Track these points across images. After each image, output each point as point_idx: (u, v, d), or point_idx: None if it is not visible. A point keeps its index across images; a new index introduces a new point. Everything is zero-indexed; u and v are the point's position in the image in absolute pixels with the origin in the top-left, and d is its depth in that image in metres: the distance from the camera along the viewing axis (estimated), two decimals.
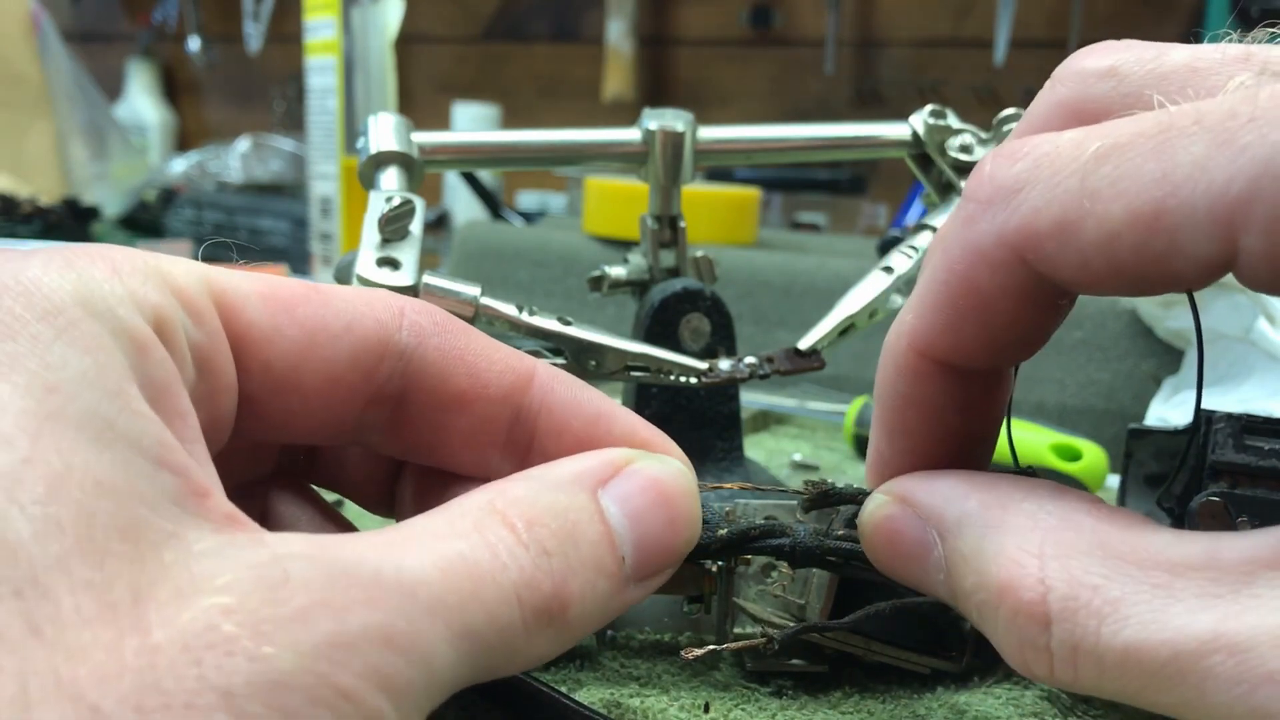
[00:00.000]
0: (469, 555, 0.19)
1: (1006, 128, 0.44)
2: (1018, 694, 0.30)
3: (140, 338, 0.19)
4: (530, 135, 0.43)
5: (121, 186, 1.52)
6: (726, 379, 0.39)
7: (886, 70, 1.45)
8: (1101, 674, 0.19)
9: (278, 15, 1.76)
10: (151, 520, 0.17)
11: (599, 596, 0.21)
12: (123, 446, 0.17)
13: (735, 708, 0.29)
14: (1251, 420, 0.26)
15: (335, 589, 0.17)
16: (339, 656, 0.16)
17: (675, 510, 0.23)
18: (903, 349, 0.24)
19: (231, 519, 0.18)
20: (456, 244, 0.92)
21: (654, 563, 0.23)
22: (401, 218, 0.36)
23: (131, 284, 0.19)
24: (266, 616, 0.16)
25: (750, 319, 0.75)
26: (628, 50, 1.54)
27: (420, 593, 0.18)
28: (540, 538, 0.20)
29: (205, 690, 0.15)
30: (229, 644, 0.16)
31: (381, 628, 0.17)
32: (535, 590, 0.20)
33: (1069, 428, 0.57)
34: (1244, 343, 0.55)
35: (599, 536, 0.21)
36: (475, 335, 0.25)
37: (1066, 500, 0.21)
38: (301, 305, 0.23)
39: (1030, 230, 0.20)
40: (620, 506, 0.22)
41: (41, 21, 1.50)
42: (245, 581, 0.17)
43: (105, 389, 0.17)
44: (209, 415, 0.21)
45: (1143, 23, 1.28)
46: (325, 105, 1.09)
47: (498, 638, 0.19)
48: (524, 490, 0.21)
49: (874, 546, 0.25)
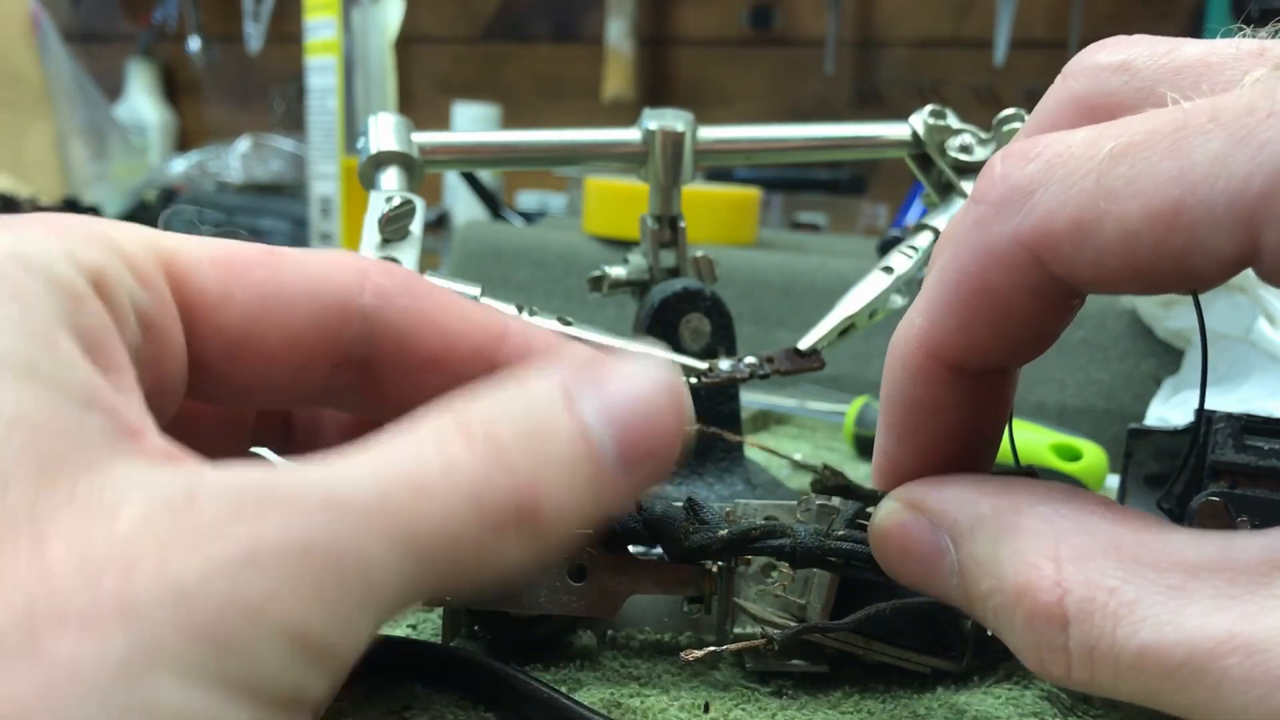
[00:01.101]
0: (412, 460, 0.18)
1: (1006, 128, 0.44)
2: (1018, 694, 0.30)
3: (75, 289, 0.19)
4: (530, 135, 0.43)
5: (121, 186, 1.52)
6: (726, 379, 0.39)
7: (886, 70, 1.45)
8: (1118, 675, 0.19)
9: (278, 15, 1.75)
10: (72, 453, 0.16)
11: (577, 491, 0.20)
12: (46, 386, 0.17)
13: (735, 708, 0.29)
14: (1251, 420, 0.26)
15: (248, 505, 0.16)
16: (252, 568, 0.16)
17: (657, 394, 0.21)
18: (913, 352, 0.24)
19: (168, 455, 0.18)
20: (456, 244, 0.92)
21: (641, 445, 0.21)
22: (401, 218, 0.36)
23: (69, 244, 0.19)
24: (173, 534, 0.16)
25: (750, 319, 0.75)
26: (628, 50, 1.54)
27: (353, 505, 0.17)
28: (496, 433, 0.19)
29: (103, 603, 0.15)
30: (130, 559, 0.15)
31: (300, 540, 0.16)
32: (494, 489, 0.18)
33: (1069, 428, 0.57)
34: (1244, 343, 0.55)
35: (567, 429, 0.20)
36: (442, 294, 0.24)
37: (1079, 502, 0.21)
38: (255, 270, 0.22)
39: (1046, 232, 0.20)
40: (594, 397, 0.20)
41: (41, 21, 1.50)
42: (154, 501, 0.16)
43: (29, 334, 0.17)
44: (156, 377, 0.21)
45: (1143, 23, 1.28)
46: (325, 105, 1.09)
47: (454, 544, 0.18)
48: (488, 398, 0.20)
49: (886, 553, 0.24)
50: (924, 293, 0.23)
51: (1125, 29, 0.24)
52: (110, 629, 0.14)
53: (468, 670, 0.28)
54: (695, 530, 0.29)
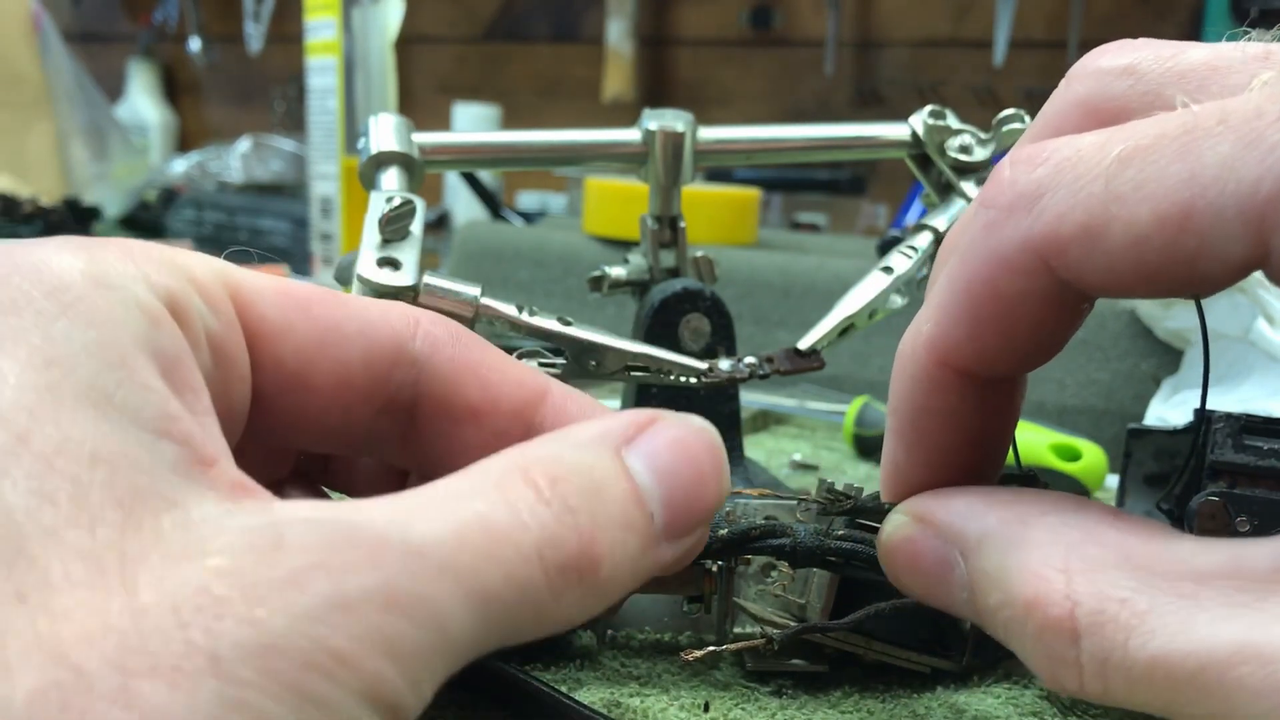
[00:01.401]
0: (485, 514, 0.18)
1: (1006, 128, 0.44)
2: (1017, 694, 0.30)
3: (152, 311, 0.19)
4: (530, 135, 0.43)
5: (122, 187, 1.52)
6: (726, 379, 0.39)
7: (886, 70, 1.45)
8: (1131, 686, 0.19)
9: (278, 15, 1.76)
10: (151, 489, 0.17)
11: (630, 554, 0.20)
12: (120, 418, 0.17)
13: (735, 707, 0.29)
14: (1251, 420, 0.26)
15: (334, 551, 0.16)
16: (335, 619, 0.16)
17: (703, 466, 0.22)
18: (921, 359, 0.24)
19: (239, 487, 0.18)
20: (456, 244, 0.92)
21: (685, 519, 0.22)
22: (402, 218, 0.36)
23: (145, 267, 0.20)
24: (260, 579, 0.16)
25: (750, 319, 0.75)
26: (628, 50, 1.54)
27: (430, 553, 0.17)
28: (564, 494, 0.19)
29: (193, 653, 0.15)
30: (219, 606, 0.15)
31: (383, 589, 0.16)
32: (559, 548, 0.19)
33: (1069, 428, 0.57)
34: (1244, 343, 0.55)
35: (625, 493, 0.20)
36: (489, 350, 0.25)
37: (1087, 513, 0.21)
38: (316, 305, 0.23)
39: (1054, 236, 0.20)
40: (646, 463, 0.21)
41: (42, 21, 1.50)
42: (239, 545, 0.16)
43: (107, 361, 0.17)
44: (224, 405, 0.21)
45: (1142, 23, 1.28)
46: (325, 105, 1.09)
47: (519, 598, 0.18)
48: (547, 450, 0.20)
49: (894, 567, 0.24)
50: (932, 298, 0.23)
51: (1125, 30, 0.24)
52: (199, 680, 0.15)
53: (468, 670, 0.28)
54: None
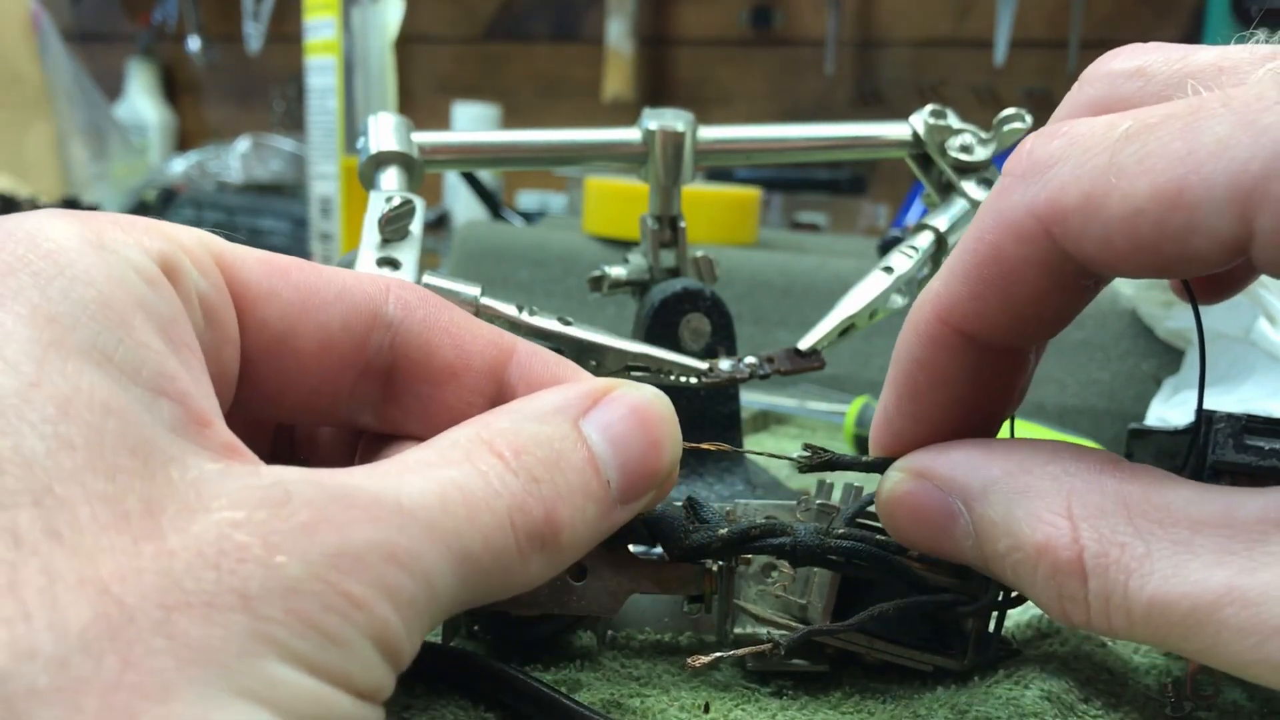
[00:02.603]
0: (463, 481, 0.20)
1: (1007, 128, 0.44)
2: (1018, 694, 0.30)
3: (148, 273, 0.20)
4: (530, 135, 0.43)
5: (121, 186, 1.52)
6: (726, 379, 0.39)
7: (886, 70, 1.45)
8: (1132, 623, 0.20)
9: (278, 15, 1.75)
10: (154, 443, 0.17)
11: (588, 520, 0.22)
12: (120, 374, 0.18)
13: (735, 708, 0.29)
14: (1251, 420, 0.26)
15: (337, 507, 0.18)
16: (347, 566, 0.17)
17: (656, 432, 0.24)
18: (925, 315, 0.24)
19: (230, 448, 0.19)
20: (456, 244, 0.92)
21: (639, 484, 0.23)
22: (402, 218, 0.36)
23: (136, 234, 0.20)
24: (275, 529, 0.17)
25: (750, 319, 0.75)
26: (628, 50, 1.54)
27: (420, 515, 0.19)
28: (528, 465, 0.21)
29: (224, 591, 0.16)
30: (241, 551, 0.16)
31: (385, 543, 0.18)
32: (527, 515, 0.21)
33: (1069, 428, 0.57)
34: (1244, 343, 0.55)
35: (583, 462, 0.22)
36: (457, 311, 0.26)
37: (1088, 461, 0.22)
38: (295, 271, 0.24)
39: (1057, 203, 0.21)
40: (602, 433, 0.23)
41: (41, 21, 1.50)
42: (251, 499, 0.17)
43: (106, 320, 0.18)
44: (215, 367, 0.22)
45: (1143, 22, 1.28)
46: (325, 105, 1.09)
47: (494, 561, 0.20)
48: (508, 422, 0.22)
49: (896, 521, 0.25)
50: (946, 260, 0.24)
51: (1125, 29, 0.24)
52: (231, 615, 0.16)
53: (468, 670, 0.28)
54: (695, 530, 0.29)
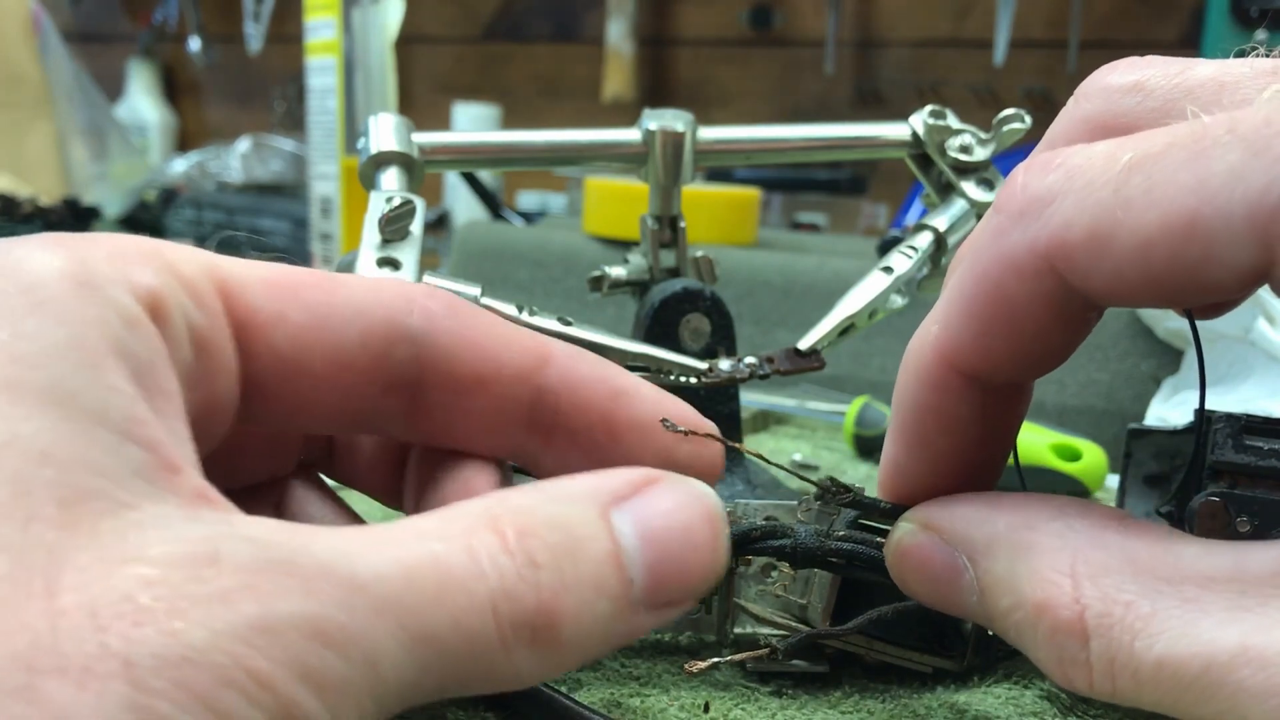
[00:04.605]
0: (442, 558, 0.18)
1: (1006, 128, 0.44)
2: (1018, 693, 0.30)
3: (129, 313, 0.19)
4: (530, 135, 0.43)
5: (122, 186, 1.52)
6: (726, 379, 0.39)
7: (886, 70, 1.45)
8: (1139, 686, 0.19)
9: (278, 15, 1.75)
10: (102, 491, 0.16)
11: (599, 618, 0.19)
12: (84, 418, 0.17)
13: (735, 707, 0.29)
14: (1251, 420, 0.26)
15: (268, 575, 0.16)
16: (258, 641, 0.15)
17: (698, 534, 0.21)
18: (928, 361, 0.24)
19: (201, 495, 0.18)
20: (456, 244, 0.92)
21: (670, 589, 0.21)
22: (402, 218, 0.36)
23: (125, 265, 0.19)
24: (187, 593, 0.15)
25: (750, 319, 0.75)
26: (628, 50, 1.54)
27: (371, 589, 0.17)
28: (530, 548, 0.19)
29: (106, 657, 0.14)
30: (139, 615, 0.15)
31: (312, 618, 0.16)
32: (515, 602, 0.18)
33: (1069, 428, 0.57)
34: (1244, 343, 0.55)
35: (603, 554, 0.20)
36: (487, 317, 0.25)
37: (1093, 517, 0.22)
38: (307, 290, 0.23)
39: (1062, 242, 0.20)
40: (635, 526, 0.20)
41: (41, 21, 1.50)
42: (174, 556, 0.16)
43: (76, 361, 0.17)
44: (207, 396, 0.21)
45: (1142, 23, 1.28)
46: (325, 105, 1.09)
47: (467, 648, 0.18)
48: (527, 500, 0.20)
49: (903, 573, 0.25)
50: (942, 301, 0.23)
51: (1125, 29, 0.24)
52: (109, 684, 0.14)
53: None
54: None
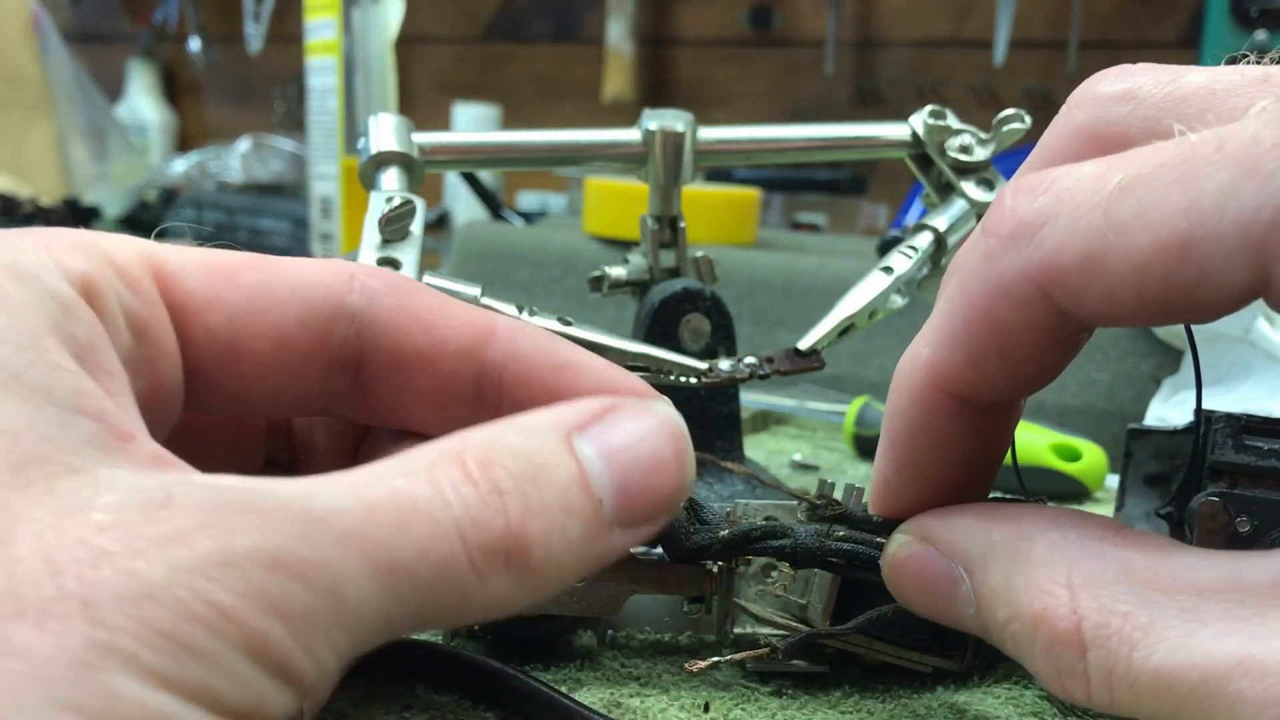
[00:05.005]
0: (404, 490, 0.18)
1: (1006, 128, 0.44)
2: (1018, 693, 0.30)
3: (64, 299, 0.19)
4: (530, 135, 0.43)
5: (122, 186, 1.52)
6: (726, 379, 0.39)
7: (886, 70, 1.45)
8: (1137, 697, 0.19)
9: (278, 15, 1.75)
10: (55, 456, 0.16)
11: (571, 540, 0.20)
12: (31, 394, 0.17)
13: (735, 707, 0.29)
14: (1251, 420, 0.26)
15: (223, 513, 0.16)
16: (218, 575, 0.16)
17: (662, 451, 0.21)
18: (919, 383, 0.24)
19: (158, 459, 0.18)
20: (456, 244, 0.92)
21: (640, 506, 0.21)
22: (402, 218, 0.36)
23: (59, 255, 0.20)
24: (143, 533, 0.16)
25: (750, 319, 0.75)
26: (628, 51, 1.54)
27: (332, 522, 0.17)
28: (494, 476, 0.19)
29: (63, 598, 0.15)
30: (97, 557, 0.15)
31: (272, 551, 0.16)
32: (482, 528, 0.18)
33: (1069, 428, 0.57)
34: (1244, 343, 0.55)
35: (568, 478, 0.20)
36: (429, 294, 0.24)
37: (1089, 527, 0.22)
38: (244, 272, 0.23)
39: (1054, 266, 0.20)
40: (598, 449, 0.20)
41: (42, 21, 1.50)
42: (128, 503, 0.16)
43: (17, 344, 0.18)
44: (151, 382, 0.21)
45: (1142, 23, 1.28)
46: (325, 105, 1.09)
47: (437, 576, 0.18)
48: (489, 434, 0.20)
49: (900, 586, 0.25)
50: (931, 323, 0.23)
51: (1125, 29, 0.24)
52: (69, 623, 0.14)
53: (468, 670, 0.28)
54: (695, 530, 0.29)
